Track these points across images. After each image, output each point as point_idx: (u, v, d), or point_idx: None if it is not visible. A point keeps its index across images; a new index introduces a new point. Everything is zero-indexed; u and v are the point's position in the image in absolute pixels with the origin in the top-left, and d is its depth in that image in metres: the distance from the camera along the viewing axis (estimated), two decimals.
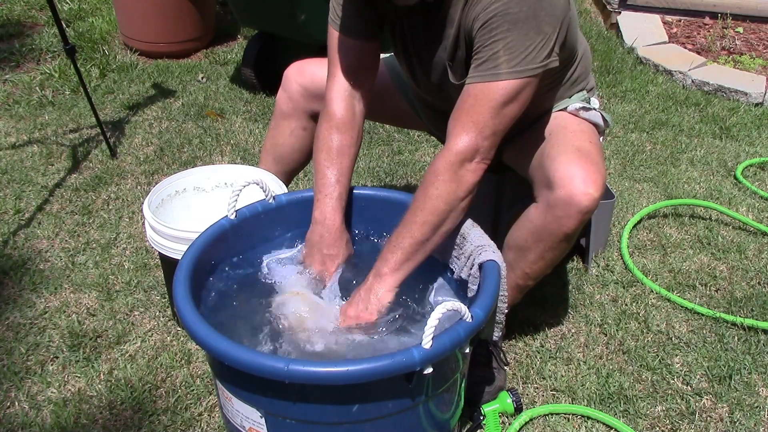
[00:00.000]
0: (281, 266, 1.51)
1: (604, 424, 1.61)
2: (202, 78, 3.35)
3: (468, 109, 1.33)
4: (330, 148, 1.54)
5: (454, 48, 1.45)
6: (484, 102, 1.32)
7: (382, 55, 1.86)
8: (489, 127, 1.33)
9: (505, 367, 1.70)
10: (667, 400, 1.69)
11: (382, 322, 1.35)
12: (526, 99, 1.35)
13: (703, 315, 1.94)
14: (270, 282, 1.47)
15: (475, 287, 1.33)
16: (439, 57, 1.50)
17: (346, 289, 1.45)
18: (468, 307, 1.16)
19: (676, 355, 1.82)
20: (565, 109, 1.64)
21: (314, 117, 1.79)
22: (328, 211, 1.49)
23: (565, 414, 1.64)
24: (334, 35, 1.56)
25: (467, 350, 1.25)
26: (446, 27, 1.44)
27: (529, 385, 1.72)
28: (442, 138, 2.00)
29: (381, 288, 1.36)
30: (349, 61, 1.55)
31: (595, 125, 1.67)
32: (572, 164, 1.43)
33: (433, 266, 1.48)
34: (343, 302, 1.41)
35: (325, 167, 1.53)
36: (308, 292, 1.43)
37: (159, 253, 1.72)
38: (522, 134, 1.63)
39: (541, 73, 1.34)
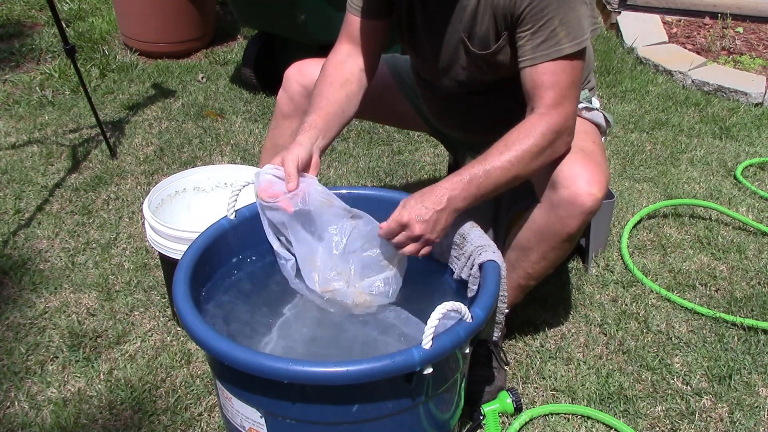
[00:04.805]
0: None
1: (604, 424, 1.61)
2: (202, 78, 3.35)
3: (551, 86, 1.38)
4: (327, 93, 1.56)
5: (472, 22, 1.46)
6: (563, 77, 1.38)
7: (382, 55, 1.86)
8: (574, 98, 1.41)
9: (505, 367, 1.70)
10: (667, 400, 1.69)
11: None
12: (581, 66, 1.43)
13: (703, 315, 1.94)
14: (270, 283, 1.47)
15: (475, 287, 1.33)
16: (454, 29, 1.50)
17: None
18: (468, 307, 1.16)
19: (676, 355, 1.82)
20: None
21: None
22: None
23: (565, 414, 1.64)
24: (348, 18, 1.61)
25: (467, 350, 1.25)
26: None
27: (529, 385, 1.72)
28: (441, 138, 2.01)
29: (446, 206, 1.34)
30: (360, 38, 1.60)
31: (597, 125, 1.67)
32: (576, 164, 1.43)
33: (433, 266, 1.48)
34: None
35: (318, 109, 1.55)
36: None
37: (159, 253, 1.72)
38: None
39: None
